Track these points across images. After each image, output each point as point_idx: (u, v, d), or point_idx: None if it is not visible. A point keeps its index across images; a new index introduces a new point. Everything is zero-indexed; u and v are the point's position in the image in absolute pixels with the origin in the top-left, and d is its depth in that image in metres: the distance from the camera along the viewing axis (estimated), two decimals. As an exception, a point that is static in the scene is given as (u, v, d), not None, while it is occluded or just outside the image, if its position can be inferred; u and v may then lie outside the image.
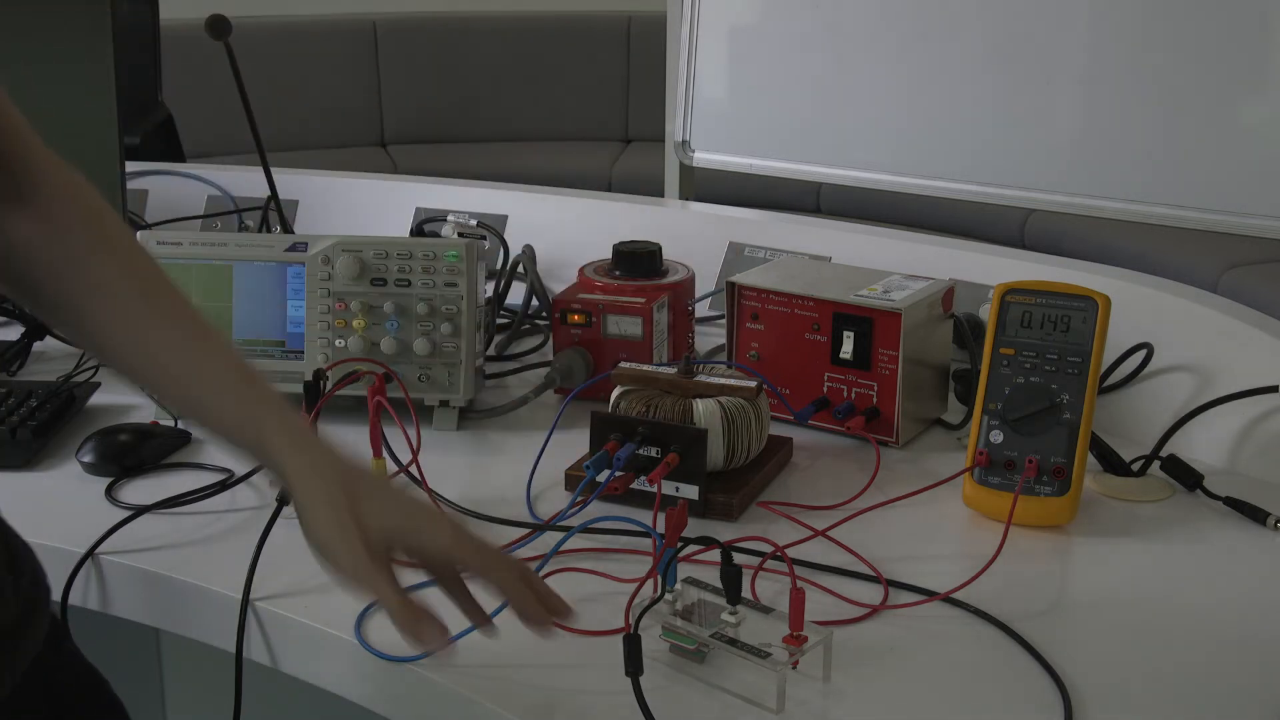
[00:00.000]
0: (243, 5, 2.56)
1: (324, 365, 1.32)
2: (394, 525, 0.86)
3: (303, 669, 1.05)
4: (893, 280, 1.38)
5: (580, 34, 5.28)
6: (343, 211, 1.93)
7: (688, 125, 2.52)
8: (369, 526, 0.84)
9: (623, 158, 5.05)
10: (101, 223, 0.98)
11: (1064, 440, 1.17)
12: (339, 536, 0.84)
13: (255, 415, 0.90)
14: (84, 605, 1.14)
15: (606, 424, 1.20)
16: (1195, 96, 1.98)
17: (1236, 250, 3.59)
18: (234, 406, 0.91)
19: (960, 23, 2.21)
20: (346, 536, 0.84)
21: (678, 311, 1.49)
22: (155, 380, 0.97)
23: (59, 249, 0.95)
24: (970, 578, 1.06)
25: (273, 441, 0.88)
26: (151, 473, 1.28)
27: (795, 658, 0.92)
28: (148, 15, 2.99)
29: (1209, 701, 0.94)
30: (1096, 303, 1.18)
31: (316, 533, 0.85)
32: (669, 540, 0.96)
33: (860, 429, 1.33)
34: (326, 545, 0.85)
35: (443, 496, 1.20)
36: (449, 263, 1.36)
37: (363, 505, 0.85)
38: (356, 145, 5.16)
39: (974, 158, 2.21)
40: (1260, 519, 1.18)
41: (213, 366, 0.93)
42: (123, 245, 0.98)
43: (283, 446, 0.88)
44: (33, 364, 1.58)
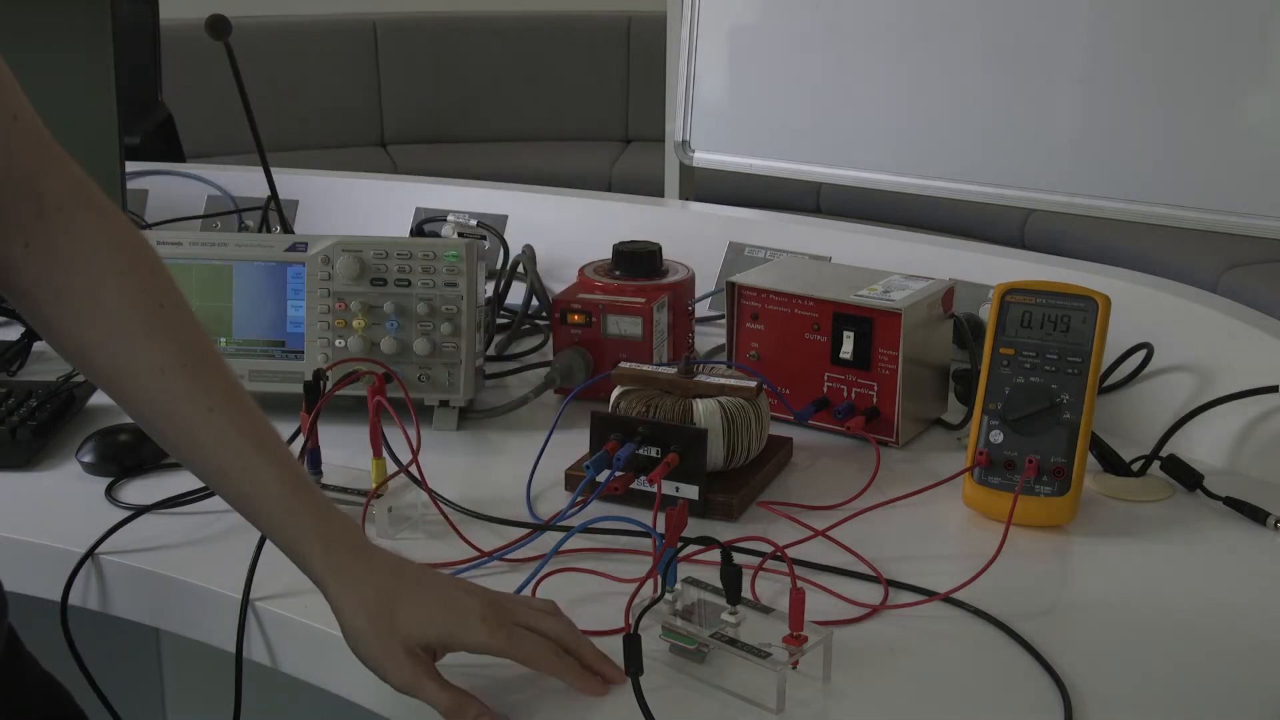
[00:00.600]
0: (243, 5, 2.56)
1: (324, 365, 1.32)
2: (433, 637, 0.90)
3: (303, 669, 1.05)
4: (893, 280, 1.38)
5: (580, 34, 5.28)
6: (343, 211, 1.93)
7: (688, 125, 2.52)
8: (409, 637, 0.89)
9: (623, 158, 5.05)
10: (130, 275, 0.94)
11: (1064, 440, 1.17)
12: (382, 655, 0.89)
13: (298, 529, 0.92)
14: (84, 605, 1.14)
15: (606, 424, 1.20)
16: (1195, 96, 1.98)
17: (1236, 250, 3.59)
18: (279, 515, 0.93)
19: (960, 23, 2.21)
20: (390, 654, 0.89)
21: (678, 311, 1.49)
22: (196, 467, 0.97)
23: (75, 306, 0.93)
24: (970, 578, 1.06)
25: (313, 561, 0.92)
26: (151, 473, 1.28)
27: (795, 658, 0.92)
28: (148, 15, 2.99)
29: (1209, 701, 0.94)
30: (1096, 303, 1.18)
31: (360, 652, 0.90)
32: (669, 540, 0.96)
33: (860, 429, 1.33)
34: (371, 662, 0.90)
35: (443, 497, 1.20)
36: (449, 263, 1.36)
37: (401, 618, 0.89)
38: (356, 145, 5.16)
39: (974, 158, 2.21)
40: (1260, 519, 1.18)
41: (262, 469, 0.93)
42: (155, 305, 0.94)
43: (322, 567, 0.92)
44: (33, 364, 1.58)
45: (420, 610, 0.90)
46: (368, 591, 0.90)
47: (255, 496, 0.93)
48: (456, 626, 0.90)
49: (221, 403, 0.93)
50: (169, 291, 0.96)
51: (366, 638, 0.89)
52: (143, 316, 0.94)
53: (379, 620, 0.89)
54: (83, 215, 0.94)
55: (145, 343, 0.93)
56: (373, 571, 0.92)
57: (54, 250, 0.93)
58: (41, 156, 0.93)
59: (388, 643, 0.89)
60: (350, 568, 0.91)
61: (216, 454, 0.93)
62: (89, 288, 0.93)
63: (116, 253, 0.95)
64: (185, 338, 0.95)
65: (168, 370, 0.93)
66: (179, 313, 0.96)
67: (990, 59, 2.18)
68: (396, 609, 0.90)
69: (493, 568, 1.10)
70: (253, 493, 0.93)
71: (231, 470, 0.93)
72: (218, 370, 0.95)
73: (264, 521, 0.94)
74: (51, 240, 0.93)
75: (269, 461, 0.93)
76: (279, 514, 0.93)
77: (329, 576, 0.91)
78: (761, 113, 2.45)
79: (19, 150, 0.92)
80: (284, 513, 0.92)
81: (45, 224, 0.92)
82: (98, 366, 0.95)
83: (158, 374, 0.93)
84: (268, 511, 0.93)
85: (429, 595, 0.92)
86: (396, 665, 0.88)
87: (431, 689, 0.88)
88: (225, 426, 0.93)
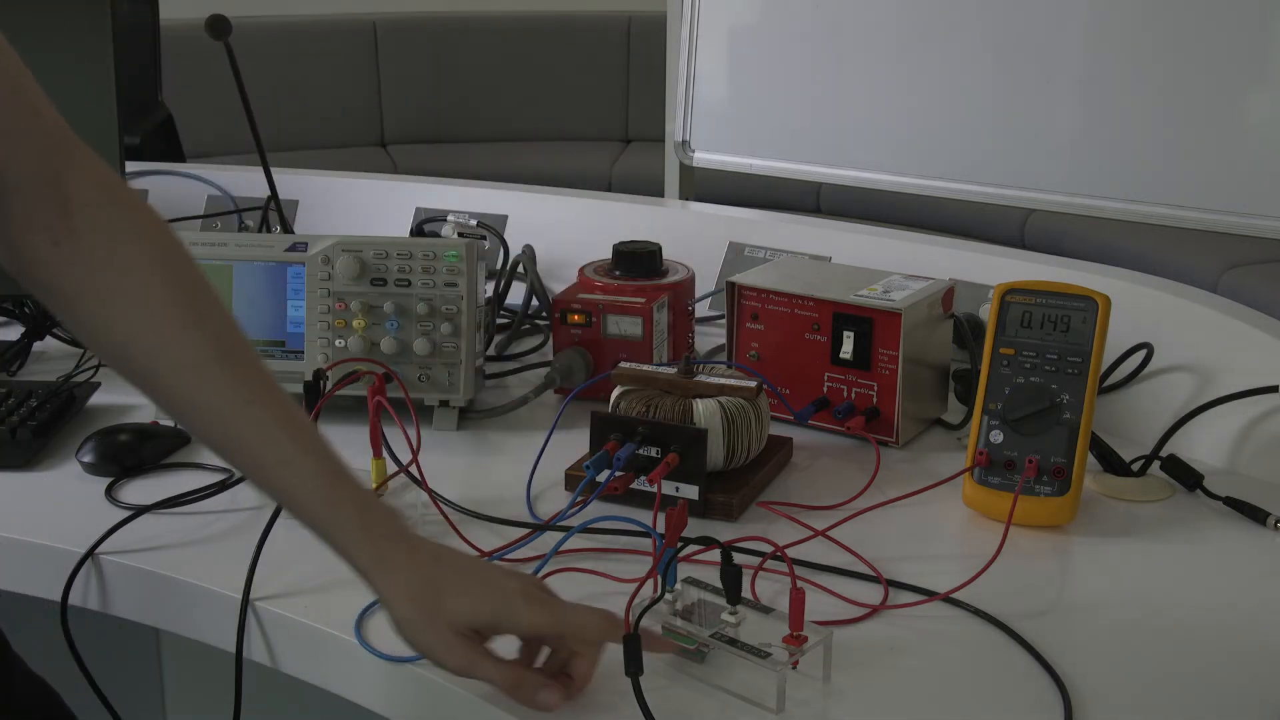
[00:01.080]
0: (243, 5, 2.56)
1: (324, 365, 1.32)
2: (481, 620, 0.90)
3: (303, 669, 1.05)
4: (893, 280, 1.38)
5: (580, 34, 5.28)
6: (343, 211, 1.93)
7: (688, 125, 2.52)
8: (459, 623, 0.89)
9: (623, 158, 5.05)
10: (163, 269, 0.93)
11: (1064, 440, 1.17)
12: (435, 640, 0.89)
13: (340, 521, 0.92)
14: (84, 605, 1.14)
15: (606, 424, 1.20)
16: (1195, 96, 1.98)
17: (1236, 250, 3.59)
18: (320, 508, 0.92)
19: (960, 23, 2.21)
20: (442, 638, 0.89)
21: (678, 311, 1.49)
22: (236, 460, 0.96)
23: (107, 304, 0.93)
24: (970, 578, 1.06)
25: (356, 553, 0.92)
26: (151, 473, 1.28)
27: (795, 658, 0.92)
28: (148, 15, 2.99)
29: (1209, 701, 0.94)
30: (1096, 303, 1.18)
31: (411, 639, 0.91)
32: (669, 540, 0.96)
33: (860, 429, 1.33)
34: (423, 649, 0.90)
35: (443, 497, 1.20)
36: (449, 263, 1.36)
37: (448, 604, 0.90)
38: (356, 145, 5.15)
39: (974, 158, 2.21)
40: (1260, 519, 1.18)
41: (302, 461, 0.92)
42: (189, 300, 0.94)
43: (365, 558, 0.92)
44: (33, 364, 1.58)
45: (465, 595, 0.90)
46: (413, 580, 0.90)
47: (295, 489, 0.93)
48: (502, 608, 0.90)
49: (258, 395, 0.93)
50: (201, 286, 0.95)
51: (417, 625, 0.90)
52: (175, 312, 0.93)
53: (427, 607, 0.89)
54: (111, 211, 0.93)
55: (179, 338, 0.93)
56: (415, 560, 0.91)
57: (84, 248, 0.92)
58: (66, 153, 0.92)
59: (438, 628, 0.89)
60: (393, 558, 0.91)
61: (255, 447, 0.93)
62: (120, 285, 0.93)
63: (147, 248, 0.94)
64: (219, 331, 0.94)
65: (202, 365, 0.92)
66: (211, 307, 0.95)
67: (990, 59, 2.18)
68: (443, 595, 0.90)
69: (493, 568, 1.10)
70: (292, 485, 0.93)
71: (270, 463, 0.93)
72: (252, 363, 0.95)
73: (304, 514, 0.93)
74: (81, 238, 0.92)
75: (307, 453, 0.93)
76: (319, 506, 0.92)
77: (373, 568, 0.91)
78: (761, 113, 2.45)
79: (43, 148, 0.91)
80: (324, 504, 0.92)
81: (74, 222, 0.92)
82: (131, 363, 0.95)
83: (192, 369, 0.93)
84: (308, 504, 0.93)
85: (472, 580, 0.92)
86: (449, 649, 0.89)
87: (487, 666, 0.89)
88: (263, 419, 0.92)
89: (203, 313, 0.94)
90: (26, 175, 0.90)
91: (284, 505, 0.95)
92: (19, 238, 0.92)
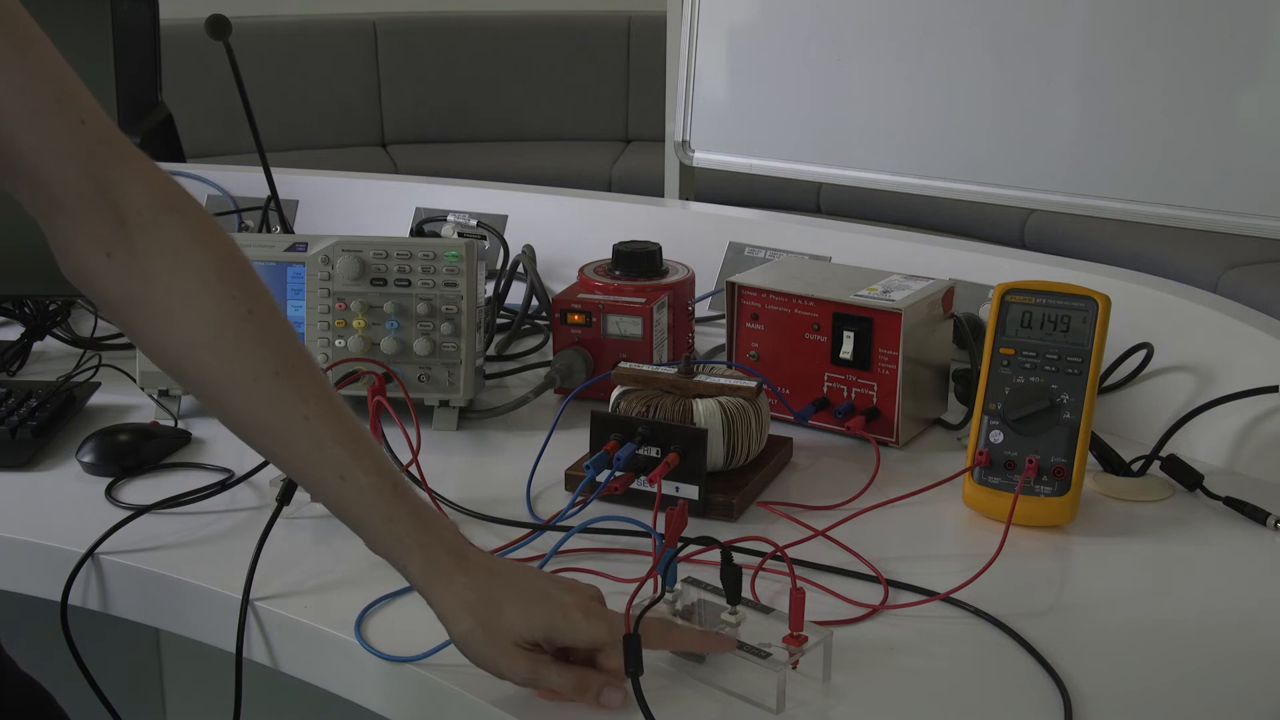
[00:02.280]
0: (243, 5, 2.57)
1: (324, 365, 1.32)
2: (539, 633, 0.90)
3: (303, 669, 1.05)
4: (893, 280, 1.38)
5: (580, 34, 5.28)
6: (343, 211, 1.93)
7: (688, 125, 2.52)
8: (518, 636, 0.90)
9: (623, 158, 5.05)
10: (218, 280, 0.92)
11: (1064, 440, 1.17)
12: (497, 654, 0.90)
13: (398, 537, 0.92)
14: (84, 605, 1.14)
15: (606, 424, 1.20)
16: (1195, 96, 1.98)
17: (1236, 250, 3.58)
18: (378, 523, 0.92)
19: (960, 23, 2.21)
20: (504, 651, 0.89)
21: (678, 311, 1.49)
22: (293, 473, 0.96)
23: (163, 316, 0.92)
24: (970, 578, 1.06)
25: (414, 569, 0.92)
26: (151, 473, 1.28)
27: (795, 658, 0.92)
28: (148, 15, 2.98)
29: (1209, 701, 0.94)
30: (1096, 303, 1.18)
31: (473, 653, 0.91)
32: (669, 540, 0.96)
33: (860, 429, 1.33)
34: (486, 663, 0.91)
35: (443, 497, 1.20)
36: (449, 263, 1.36)
37: (506, 618, 0.90)
38: (356, 145, 5.15)
39: (974, 158, 2.21)
40: (1260, 519, 1.18)
41: (358, 476, 0.92)
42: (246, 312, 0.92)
43: (422, 574, 0.92)
44: (33, 364, 1.58)
45: (523, 609, 0.90)
46: (471, 596, 0.90)
47: (353, 504, 0.92)
48: (560, 621, 0.90)
49: (316, 410, 0.92)
50: (259, 296, 0.94)
51: (477, 640, 0.90)
52: (233, 325, 0.92)
53: (485, 622, 0.90)
54: (166, 221, 0.91)
55: (237, 351, 0.92)
56: (472, 575, 0.91)
57: (138, 260, 0.91)
58: (117, 161, 0.90)
59: (500, 642, 0.89)
60: (450, 573, 0.91)
61: (313, 462, 0.93)
62: (176, 297, 0.91)
63: (202, 258, 0.92)
64: (277, 344, 0.93)
65: (261, 379, 0.92)
66: (270, 318, 0.93)
67: (990, 59, 2.19)
68: (501, 609, 0.90)
69: (493, 568, 1.10)
70: (351, 500, 0.92)
71: (329, 478, 0.92)
72: (311, 376, 0.94)
73: (363, 529, 0.93)
74: (135, 250, 0.90)
75: (366, 469, 0.92)
76: (377, 521, 0.92)
77: (432, 584, 0.91)
78: (761, 113, 2.45)
79: (92, 156, 0.89)
80: (382, 520, 0.92)
81: (127, 233, 0.90)
82: (190, 376, 0.94)
83: (251, 383, 0.92)
84: (366, 519, 0.92)
85: (530, 594, 0.92)
86: (512, 661, 0.89)
87: (552, 674, 0.89)
88: (322, 433, 0.92)
89: (259, 325, 0.93)
90: (75, 187, 0.89)
91: (341, 518, 0.94)
92: (71, 249, 0.91)
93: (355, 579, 1.05)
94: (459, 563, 0.92)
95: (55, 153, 0.88)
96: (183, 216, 0.92)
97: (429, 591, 0.91)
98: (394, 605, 1.03)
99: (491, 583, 0.91)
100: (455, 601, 0.90)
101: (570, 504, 1.17)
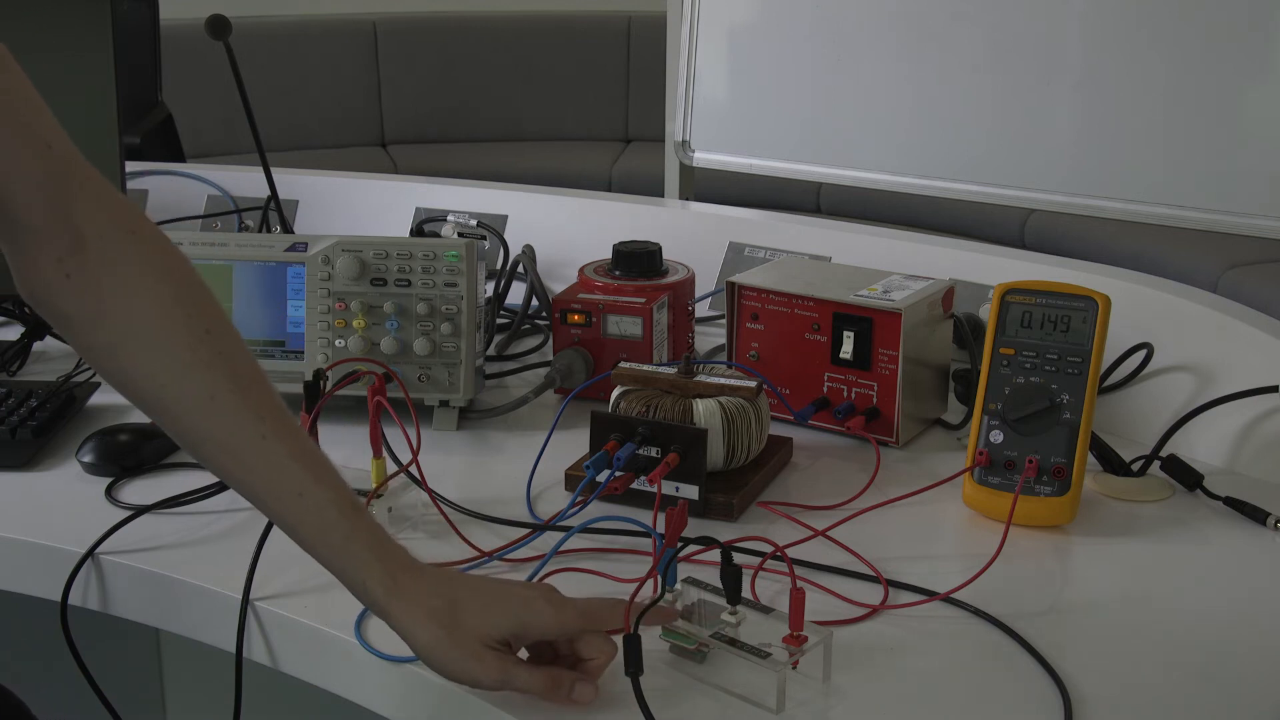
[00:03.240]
0: (243, 5, 2.57)
1: (324, 365, 1.32)
2: (506, 630, 0.90)
3: (303, 669, 1.05)
4: (893, 280, 1.38)
5: (580, 34, 5.27)
6: (343, 211, 1.93)
7: (688, 125, 2.52)
8: (485, 636, 0.89)
9: (623, 158, 5.05)
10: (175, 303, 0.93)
11: (1064, 440, 1.17)
12: (465, 657, 0.89)
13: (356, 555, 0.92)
14: (84, 605, 1.14)
15: (606, 424, 1.20)
16: (1195, 96, 1.98)
17: (1236, 250, 3.58)
18: (336, 540, 0.92)
19: (960, 23, 2.21)
20: (472, 654, 0.89)
21: (678, 311, 1.49)
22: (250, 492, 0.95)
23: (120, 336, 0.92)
24: (970, 578, 1.06)
25: (373, 586, 0.91)
26: (151, 473, 1.28)
27: (795, 658, 0.92)
28: (148, 15, 2.99)
29: (1208, 701, 0.94)
30: (1096, 303, 1.18)
31: (440, 662, 0.90)
32: (669, 540, 0.96)
33: (860, 429, 1.33)
34: (454, 669, 0.90)
35: (443, 497, 1.20)
36: (449, 263, 1.36)
37: (470, 620, 0.90)
38: (356, 145, 5.15)
39: (974, 158, 2.21)
40: (1260, 519, 1.18)
41: (316, 493, 0.92)
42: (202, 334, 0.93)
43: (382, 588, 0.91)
44: (33, 364, 1.58)
45: (485, 609, 0.90)
46: (434, 604, 0.90)
47: (312, 522, 0.93)
48: (525, 614, 0.90)
49: (273, 428, 0.93)
50: (215, 317, 0.95)
51: (443, 647, 0.89)
52: (188, 344, 0.92)
53: (451, 627, 0.89)
54: (124, 243, 0.92)
55: (192, 372, 0.92)
56: (430, 585, 0.92)
57: (96, 281, 0.91)
58: (79, 185, 0.91)
59: (467, 645, 0.89)
60: (409, 587, 0.91)
61: (271, 480, 0.93)
62: (133, 317, 0.92)
63: (160, 282, 0.93)
64: (233, 364, 0.93)
65: (217, 397, 0.92)
66: (226, 338, 0.94)
67: (990, 59, 2.18)
68: (463, 613, 0.90)
69: (493, 568, 1.10)
70: (309, 518, 0.92)
71: (287, 495, 0.93)
72: (267, 395, 0.94)
73: (320, 548, 0.93)
74: (93, 271, 0.91)
75: (324, 487, 0.93)
76: (336, 539, 0.92)
77: (391, 599, 0.91)
78: (761, 113, 2.45)
79: (55, 180, 0.90)
80: (341, 537, 0.92)
81: (86, 255, 0.91)
82: (145, 396, 0.94)
83: (207, 401, 0.92)
84: (324, 538, 0.93)
85: (490, 595, 0.92)
86: (481, 663, 0.89)
87: (523, 675, 0.89)
88: (278, 452, 0.92)
89: (215, 345, 0.93)
90: (37, 209, 0.90)
91: (296, 538, 0.94)
92: (31, 270, 0.91)
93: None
94: (417, 575, 0.92)
95: (17, 176, 0.89)
96: (140, 240, 0.94)
97: (389, 605, 0.91)
98: (394, 605, 1.02)
99: (450, 589, 0.92)
100: (417, 610, 0.90)
101: (570, 504, 1.17)
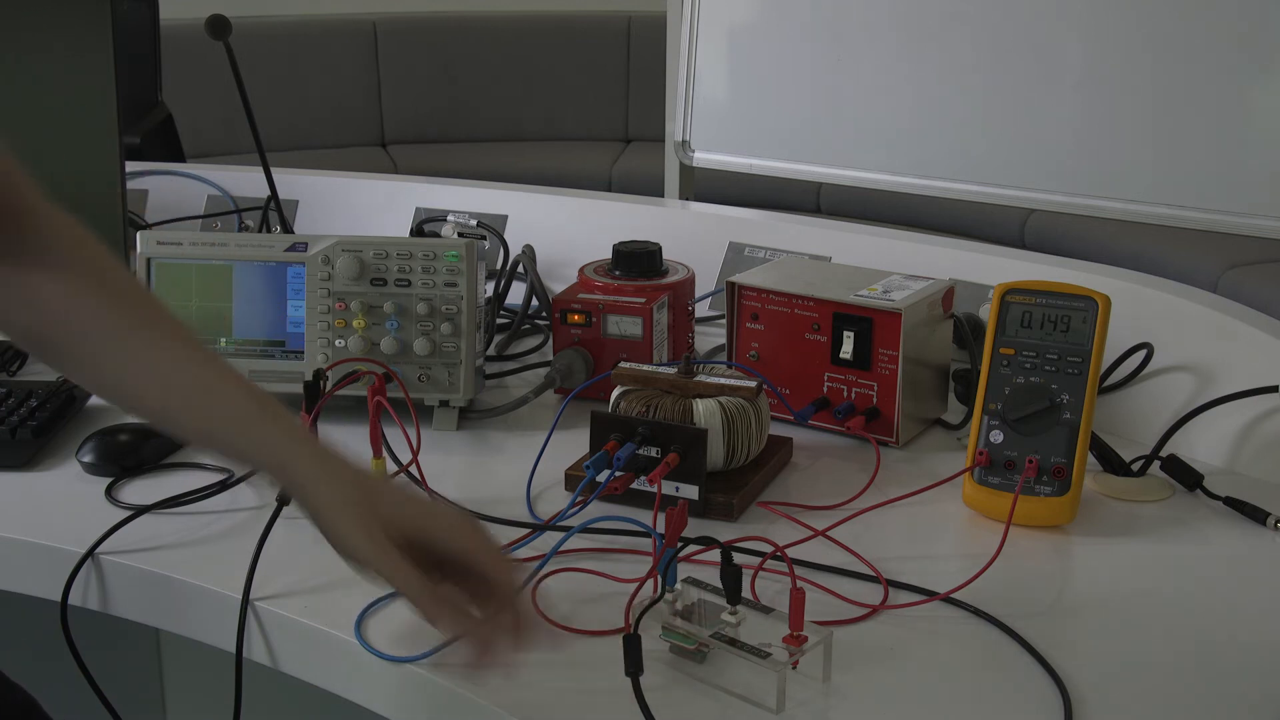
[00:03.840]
0: (243, 5, 2.57)
1: (324, 365, 1.32)
2: (415, 527, 0.90)
3: (303, 669, 1.05)
4: (893, 280, 1.38)
5: (580, 34, 5.28)
6: (343, 211, 1.93)
7: (688, 125, 2.52)
8: (389, 519, 0.90)
9: (623, 158, 5.05)
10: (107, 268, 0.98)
11: (1064, 440, 1.17)
12: (356, 539, 0.89)
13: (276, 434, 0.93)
14: (84, 605, 1.14)
15: (606, 424, 1.20)
16: (1195, 96, 1.98)
17: (1236, 250, 3.58)
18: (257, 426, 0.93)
19: (960, 23, 2.21)
20: (364, 534, 0.89)
21: (678, 311, 1.49)
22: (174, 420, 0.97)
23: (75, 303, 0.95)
24: (970, 578, 1.06)
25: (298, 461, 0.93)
26: (151, 473, 1.28)
27: (795, 658, 0.92)
28: (148, 15, 2.99)
29: (1208, 701, 0.94)
30: (1096, 303, 1.18)
31: (348, 544, 0.90)
32: (669, 540, 0.96)
33: (860, 429, 1.33)
34: (345, 547, 0.90)
35: (443, 497, 1.19)
36: (449, 263, 1.36)
37: (382, 500, 0.91)
38: (356, 145, 5.15)
39: (974, 158, 2.21)
40: (1260, 519, 1.18)
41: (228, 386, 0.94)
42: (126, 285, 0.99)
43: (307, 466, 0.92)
44: (33, 364, 1.58)
45: (400, 502, 0.92)
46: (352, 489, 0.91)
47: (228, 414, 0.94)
48: (435, 519, 0.92)
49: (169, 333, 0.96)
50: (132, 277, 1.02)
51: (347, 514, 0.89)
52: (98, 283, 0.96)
53: (365, 512, 0.89)
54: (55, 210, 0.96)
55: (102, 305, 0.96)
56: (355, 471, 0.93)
57: None
58: None
59: (373, 532, 0.89)
60: (333, 467, 0.92)
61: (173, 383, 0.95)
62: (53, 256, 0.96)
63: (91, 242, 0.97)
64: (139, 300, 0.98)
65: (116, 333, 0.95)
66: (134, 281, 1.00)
67: (990, 59, 2.19)
68: (379, 503, 0.90)
69: (493, 568, 1.10)
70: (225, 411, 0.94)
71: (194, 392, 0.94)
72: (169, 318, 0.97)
73: (237, 438, 0.94)
74: None
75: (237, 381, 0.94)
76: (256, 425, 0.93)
77: (314, 475, 0.91)
78: (761, 113, 2.45)
79: None
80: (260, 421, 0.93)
81: None
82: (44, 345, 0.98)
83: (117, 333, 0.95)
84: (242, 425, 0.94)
85: (408, 493, 0.96)
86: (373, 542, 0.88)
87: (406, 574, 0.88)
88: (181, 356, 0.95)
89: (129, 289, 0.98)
90: None
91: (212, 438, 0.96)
92: None
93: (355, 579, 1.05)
94: (341, 459, 0.93)
95: None
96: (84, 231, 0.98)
97: (312, 484, 0.91)
98: (394, 605, 1.02)
99: (371, 480, 0.94)
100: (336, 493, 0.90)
101: (570, 504, 1.17)
